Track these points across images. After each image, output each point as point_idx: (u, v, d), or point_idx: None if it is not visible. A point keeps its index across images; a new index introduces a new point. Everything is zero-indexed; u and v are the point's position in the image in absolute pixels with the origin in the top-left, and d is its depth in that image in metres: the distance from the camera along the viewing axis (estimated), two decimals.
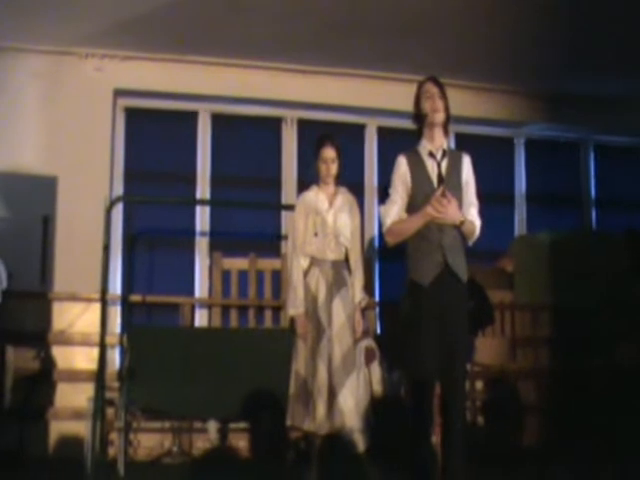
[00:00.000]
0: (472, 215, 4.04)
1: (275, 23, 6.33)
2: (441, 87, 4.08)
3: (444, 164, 3.99)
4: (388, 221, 3.98)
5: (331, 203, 5.01)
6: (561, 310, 6.80)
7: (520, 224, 7.91)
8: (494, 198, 7.86)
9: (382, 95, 7.37)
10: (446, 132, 4.11)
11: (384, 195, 5.11)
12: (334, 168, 5.02)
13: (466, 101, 7.59)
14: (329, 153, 5.00)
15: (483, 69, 7.25)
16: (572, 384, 6.43)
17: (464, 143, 7.83)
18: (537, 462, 6.00)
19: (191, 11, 6.09)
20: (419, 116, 4.06)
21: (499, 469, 5.59)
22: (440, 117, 4.01)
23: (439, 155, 3.99)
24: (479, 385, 6.61)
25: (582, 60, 6.98)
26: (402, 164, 4.03)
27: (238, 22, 6.32)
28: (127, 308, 6.47)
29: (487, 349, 6.39)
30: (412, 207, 3.96)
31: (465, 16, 6.21)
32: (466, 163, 4.07)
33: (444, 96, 4.05)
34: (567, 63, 7.05)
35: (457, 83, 7.48)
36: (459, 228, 3.95)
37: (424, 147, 4.03)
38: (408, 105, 7.35)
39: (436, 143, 4.03)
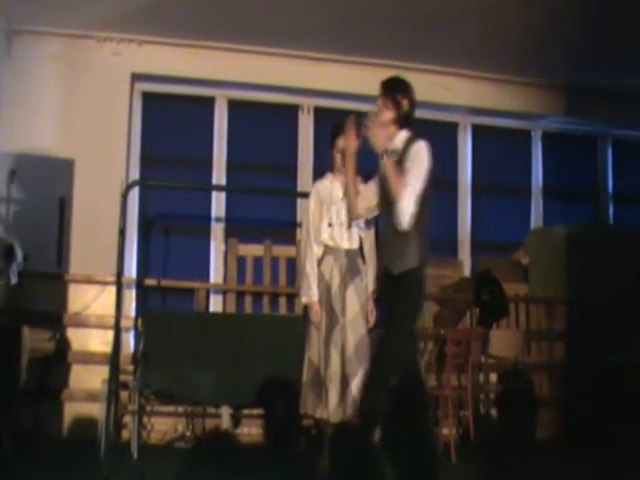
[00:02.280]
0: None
1: (293, 10, 6.31)
2: (383, 86, 3.96)
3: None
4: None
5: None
6: (576, 304, 6.78)
7: (536, 217, 7.89)
8: (510, 190, 7.86)
9: None
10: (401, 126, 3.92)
11: None
12: None
13: (483, 93, 7.59)
14: (344, 143, 4.97)
15: (501, 61, 7.22)
16: (586, 378, 6.40)
17: (481, 135, 7.83)
18: (550, 455, 6.01)
19: None
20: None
21: (512, 461, 5.59)
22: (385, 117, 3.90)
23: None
24: (493, 377, 6.60)
25: (601, 53, 6.95)
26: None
27: (256, 9, 6.31)
28: (142, 292, 6.48)
29: (501, 341, 6.37)
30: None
31: (485, 8, 6.18)
32: (413, 148, 3.86)
33: (385, 94, 3.93)
34: (586, 56, 7.01)
35: (475, 74, 7.49)
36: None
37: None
38: (426, 95, 7.37)
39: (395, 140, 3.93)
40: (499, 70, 7.43)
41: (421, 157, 3.80)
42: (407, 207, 3.71)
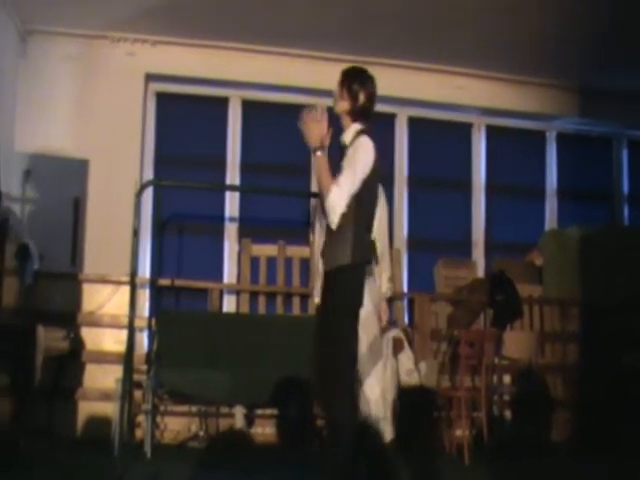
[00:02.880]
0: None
1: (308, 11, 6.32)
2: (342, 75, 3.81)
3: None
4: None
5: None
6: (590, 305, 6.74)
7: (550, 218, 7.86)
8: (525, 191, 7.83)
9: (413, 85, 7.35)
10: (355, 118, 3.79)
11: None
12: None
13: (498, 93, 7.57)
14: None
15: (516, 62, 7.20)
16: (600, 380, 6.37)
17: (495, 136, 7.80)
18: (564, 457, 5.98)
19: None
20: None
21: (526, 463, 5.57)
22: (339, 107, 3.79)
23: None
24: (507, 379, 6.57)
25: (616, 55, 6.91)
26: None
27: (270, 9, 6.31)
28: (156, 292, 6.49)
29: (515, 343, 6.35)
30: None
31: (500, 8, 6.16)
32: (354, 144, 3.72)
33: (342, 84, 3.77)
34: (601, 57, 6.98)
35: (490, 75, 7.47)
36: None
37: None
38: (439, 96, 7.45)
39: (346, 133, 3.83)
40: (514, 71, 7.41)
41: (358, 155, 3.67)
42: (334, 205, 3.60)
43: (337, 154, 3.70)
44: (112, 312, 6.22)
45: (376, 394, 4.68)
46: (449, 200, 7.64)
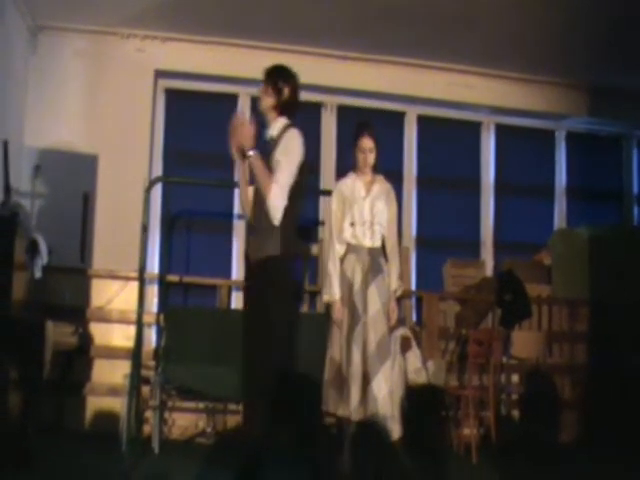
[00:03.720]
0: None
1: (317, 8, 6.30)
2: (265, 73, 4.07)
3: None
4: None
5: (368, 191, 4.99)
6: (599, 306, 6.72)
7: (560, 218, 7.83)
8: (534, 191, 7.81)
9: (423, 83, 7.34)
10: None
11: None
12: (371, 158, 4.99)
13: (507, 92, 7.55)
14: (367, 143, 4.97)
15: (525, 60, 7.17)
16: (609, 381, 6.35)
17: (504, 135, 7.78)
18: (572, 457, 5.96)
19: None
20: None
21: (533, 463, 5.56)
22: None
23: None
24: (515, 378, 6.56)
25: (626, 53, 6.88)
26: None
27: (280, 7, 6.31)
28: (164, 288, 6.50)
29: (523, 343, 6.34)
30: None
31: (509, 6, 6.14)
32: (284, 137, 3.89)
33: (266, 81, 4.03)
34: (611, 56, 6.95)
35: (499, 74, 7.45)
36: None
37: None
38: (448, 94, 7.43)
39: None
40: (523, 69, 7.39)
41: (290, 147, 3.85)
42: (276, 204, 3.75)
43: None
44: (121, 307, 6.24)
45: (384, 392, 4.71)
46: (458, 199, 7.62)
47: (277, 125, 3.96)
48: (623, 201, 8.03)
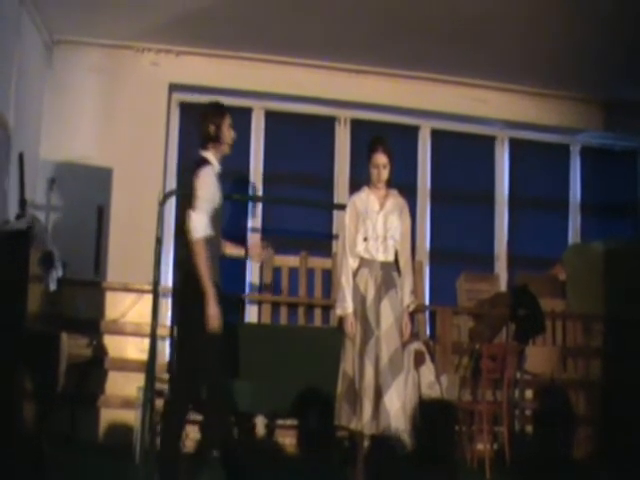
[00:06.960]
0: None
1: (331, 23, 6.33)
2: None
3: None
4: None
5: (382, 205, 4.98)
6: (614, 320, 6.68)
7: (574, 232, 7.81)
8: (548, 205, 7.78)
9: (437, 97, 7.35)
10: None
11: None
12: (385, 173, 4.97)
13: (521, 106, 7.54)
14: (380, 159, 4.95)
15: (540, 74, 7.17)
16: (624, 396, 6.30)
17: (519, 149, 7.78)
18: (586, 474, 5.91)
19: (246, 8, 6.13)
20: None
21: (547, 479, 5.52)
22: None
23: None
24: (529, 394, 6.52)
25: None
26: None
27: (294, 21, 6.34)
28: None
29: (537, 357, 6.29)
30: None
31: (523, 21, 6.14)
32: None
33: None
34: (626, 70, 6.93)
35: (513, 88, 7.45)
36: None
37: None
38: (462, 108, 7.43)
39: None
40: (537, 84, 7.39)
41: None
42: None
43: None
44: (135, 320, 6.26)
45: (396, 406, 4.68)
46: (472, 213, 7.61)
47: None
48: (638, 215, 7.99)
